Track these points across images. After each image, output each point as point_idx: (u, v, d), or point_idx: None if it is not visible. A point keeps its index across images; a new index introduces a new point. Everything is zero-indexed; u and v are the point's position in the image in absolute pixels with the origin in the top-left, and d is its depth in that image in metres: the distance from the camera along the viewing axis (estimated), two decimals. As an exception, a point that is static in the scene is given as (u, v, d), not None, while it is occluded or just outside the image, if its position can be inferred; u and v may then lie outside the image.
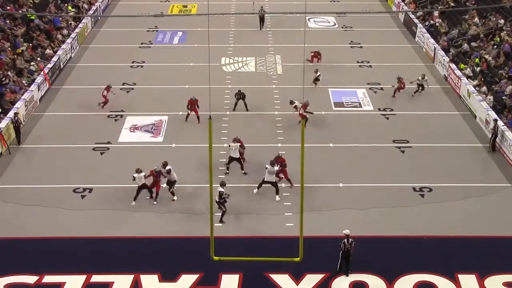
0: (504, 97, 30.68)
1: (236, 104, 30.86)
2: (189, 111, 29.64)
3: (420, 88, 33.06)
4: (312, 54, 36.72)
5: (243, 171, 25.47)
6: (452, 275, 19.62)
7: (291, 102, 29.34)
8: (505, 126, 27.72)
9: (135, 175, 23.36)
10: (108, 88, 31.60)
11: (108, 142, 28.00)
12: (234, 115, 30.59)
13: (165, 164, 23.71)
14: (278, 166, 23.86)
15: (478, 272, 19.77)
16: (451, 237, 21.73)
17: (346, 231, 19.65)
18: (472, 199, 23.94)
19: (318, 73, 33.71)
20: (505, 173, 25.93)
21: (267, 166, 23.54)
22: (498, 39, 35.62)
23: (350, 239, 19.52)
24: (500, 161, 26.85)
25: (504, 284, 19.35)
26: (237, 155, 25.34)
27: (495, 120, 27.75)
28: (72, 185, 24.75)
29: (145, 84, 34.55)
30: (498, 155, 27.20)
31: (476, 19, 39.22)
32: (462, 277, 19.56)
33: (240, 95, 30.72)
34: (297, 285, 19.35)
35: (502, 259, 20.48)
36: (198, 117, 29.44)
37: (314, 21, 45.55)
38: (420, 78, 33.08)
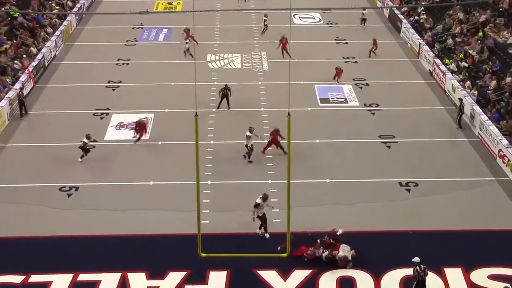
0: (488, 92, 30.93)
1: (221, 102, 30.75)
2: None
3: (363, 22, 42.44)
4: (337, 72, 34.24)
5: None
6: (438, 269, 19.74)
7: None
8: (489, 121, 27.96)
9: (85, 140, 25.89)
10: (187, 31, 37.71)
11: (94, 140, 27.87)
12: (220, 112, 30.56)
13: (265, 198, 21.50)
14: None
15: (463, 265, 19.93)
16: (437, 231, 21.88)
17: (416, 259, 18.58)
18: (457, 193, 24.11)
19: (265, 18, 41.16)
20: (489, 167, 26.13)
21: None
22: (481, 34, 35.86)
23: (422, 266, 18.47)
24: (485, 155, 27.06)
25: (489, 277, 19.52)
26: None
27: (460, 99, 29.34)
28: (58, 184, 24.64)
29: (131, 82, 34.43)
30: (483, 149, 27.43)
31: (460, 14, 39.45)
32: (448, 271, 19.72)
33: (226, 90, 30.50)
34: (285, 281, 19.40)
35: (487, 252, 20.65)
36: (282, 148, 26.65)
37: (300, 17, 45.59)
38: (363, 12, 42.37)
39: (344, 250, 19.96)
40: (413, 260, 18.79)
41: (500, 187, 24.71)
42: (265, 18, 41.54)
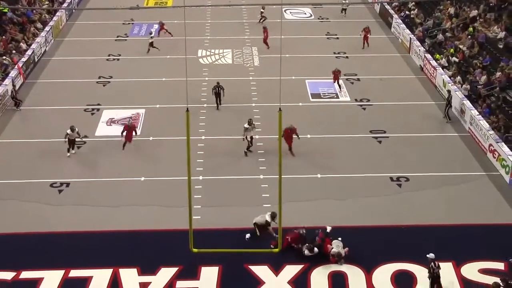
0: (478, 87, 31.05)
1: (217, 101, 30.28)
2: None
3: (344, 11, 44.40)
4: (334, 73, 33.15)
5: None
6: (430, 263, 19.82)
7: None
8: (480, 115, 28.08)
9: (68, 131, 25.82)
10: (162, 25, 39.36)
11: (85, 136, 27.77)
12: (211, 107, 30.49)
13: (273, 216, 20.75)
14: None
15: (454, 260, 20.00)
16: (428, 225, 21.95)
17: (431, 255, 18.76)
18: (448, 188, 24.21)
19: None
20: (480, 161, 26.25)
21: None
22: (471, 29, 35.99)
23: (437, 263, 18.65)
24: (475, 150, 27.18)
25: (480, 271, 19.62)
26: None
27: (448, 91, 29.83)
28: (49, 180, 24.54)
29: (121, 77, 34.33)
30: (474, 144, 27.56)
31: (450, 9, 39.56)
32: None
33: (219, 88, 30.19)
34: (277, 276, 19.41)
35: (478, 247, 20.75)
36: (291, 149, 26.33)
37: (291, 13, 45.58)
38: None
39: (338, 246, 20.00)
40: (427, 256, 18.80)
41: (491, 181, 24.83)
42: (262, 10, 42.34)
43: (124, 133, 26.68)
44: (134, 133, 26.99)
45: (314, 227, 20.77)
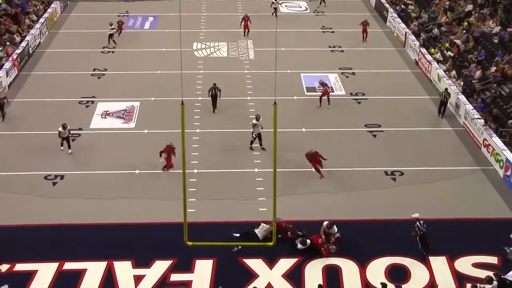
0: (473, 81, 31.08)
1: (213, 103, 29.47)
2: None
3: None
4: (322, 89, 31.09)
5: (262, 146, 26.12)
6: (423, 257, 19.90)
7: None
8: (474, 110, 28.12)
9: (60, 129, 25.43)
10: (120, 24, 38.95)
11: (80, 129, 27.72)
12: (206, 100, 30.42)
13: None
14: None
15: (448, 254, 20.07)
16: (422, 220, 21.96)
17: (416, 215, 20.01)
18: (442, 182, 24.27)
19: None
20: (475, 156, 26.30)
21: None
22: (466, 23, 36.02)
23: (421, 221, 19.86)
24: (470, 144, 27.24)
25: (473, 265, 19.70)
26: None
27: (445, 89, 29.78)
28: (43, 172, 24.49)
29: (116, 70, 34.22)
30: (468, 138, 27.61)
31: (446, 4, 39.57)
32: (432, 259, 19.85)
33: (215, 90, 29.38)
34: (271, 270, 19.45)
35: (471, 241, 20.80)
36: (319, 169, 24.76)
37: (286, 6, 45.50)
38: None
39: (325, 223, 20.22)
40: (412, 215, 19.78)
41: (485, 176, 24.91)
42: (273, 1, 41.86)
43: (164, 156, 24.53)
44: (173, 155, 24.47)
45: (309, 221, 20.82)
